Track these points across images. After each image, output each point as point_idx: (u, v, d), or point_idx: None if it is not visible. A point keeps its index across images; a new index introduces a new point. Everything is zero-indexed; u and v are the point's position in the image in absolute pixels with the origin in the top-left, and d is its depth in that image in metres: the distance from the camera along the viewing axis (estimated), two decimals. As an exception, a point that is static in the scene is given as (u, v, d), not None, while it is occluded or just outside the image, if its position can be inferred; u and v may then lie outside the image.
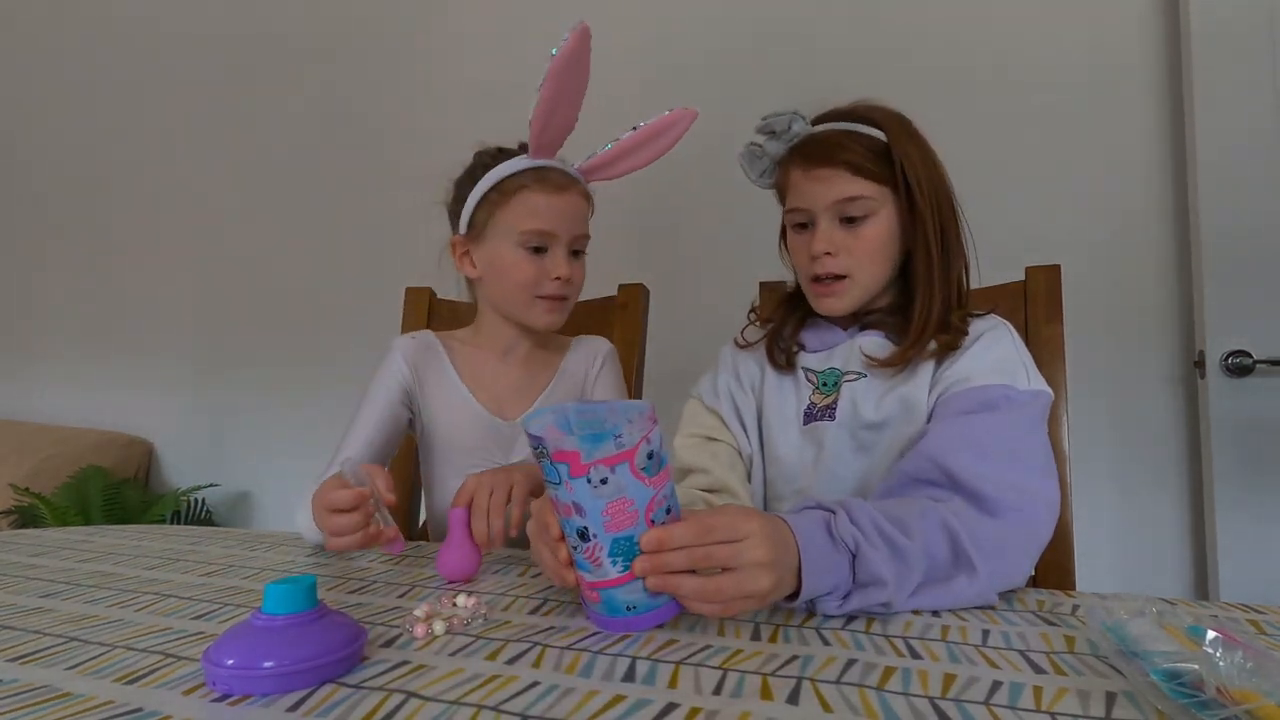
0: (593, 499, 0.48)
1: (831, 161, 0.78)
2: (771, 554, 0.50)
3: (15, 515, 1.89)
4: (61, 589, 0.67)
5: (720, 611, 0.50)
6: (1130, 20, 1.39)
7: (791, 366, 0.85)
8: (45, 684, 0.44)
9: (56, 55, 2.51)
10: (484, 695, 0.41)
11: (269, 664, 0.42)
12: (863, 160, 0.77)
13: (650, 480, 0.49)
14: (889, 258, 0.80)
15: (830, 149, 0.78)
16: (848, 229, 0.78)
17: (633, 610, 0.51)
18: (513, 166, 0.91)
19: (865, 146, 0.77)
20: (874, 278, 0.80)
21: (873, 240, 0.78)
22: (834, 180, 0.78)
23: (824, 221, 0.79)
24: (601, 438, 0.48)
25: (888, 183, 0.77)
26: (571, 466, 0.48)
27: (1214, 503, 1.23)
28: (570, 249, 0.93)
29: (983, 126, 1.46)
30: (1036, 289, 0.94)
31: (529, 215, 0.90)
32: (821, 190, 0.78)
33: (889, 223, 0.78)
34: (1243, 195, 1.24)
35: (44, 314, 2.48)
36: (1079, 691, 0.40)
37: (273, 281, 2.13)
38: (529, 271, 0.91)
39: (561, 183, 0.91)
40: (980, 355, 0.74)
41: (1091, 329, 1.36)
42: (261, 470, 2.14)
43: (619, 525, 0.49)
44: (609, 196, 1.00)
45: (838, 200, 0.78)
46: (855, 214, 0.78)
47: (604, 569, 0.50)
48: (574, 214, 0.92)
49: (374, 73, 2.06)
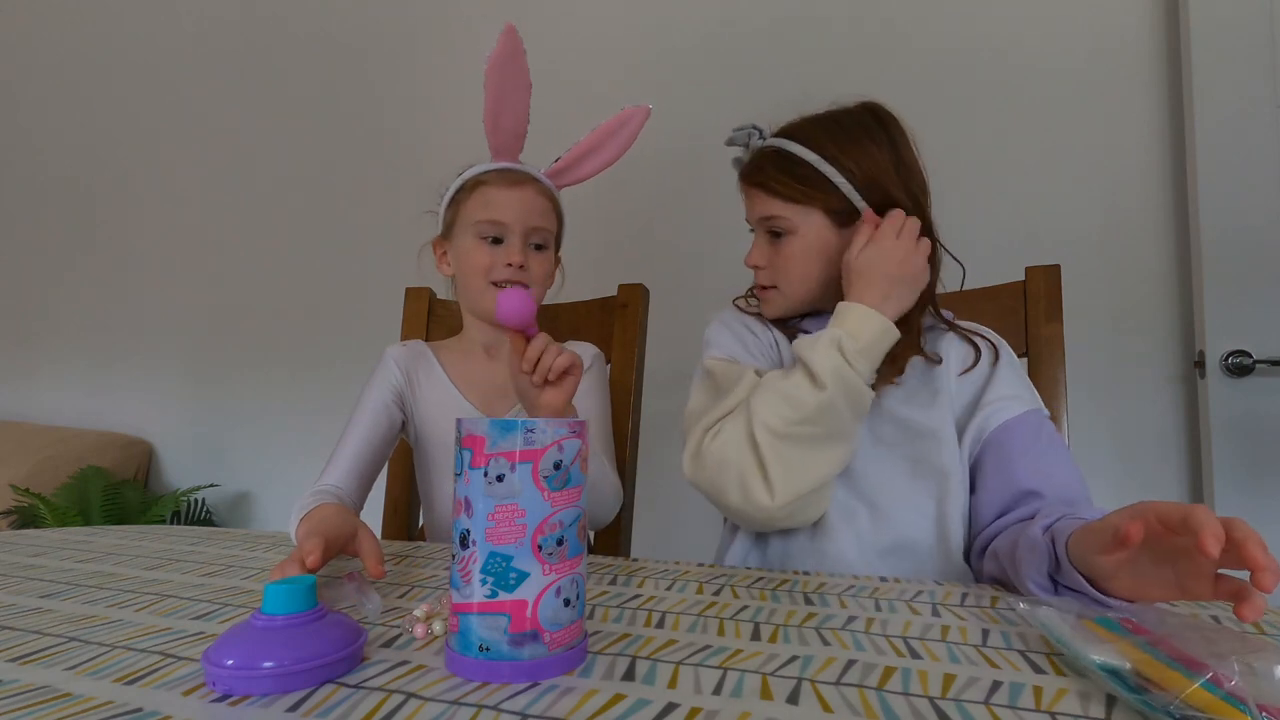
0: (484, 496, 0.43)
1: (751, 181, 0.84)
2: None
3: (15, 515, 1.89)
4: (61, 589, 0.67)
5: None
6: (1130, 20, 1.39)
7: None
8: (45, 684, 0.44)
9: (59, 58, 2.51)
10: (484, 695, 0.41)
11: (269, 664, 0.42)
12: (777, 184, 0.80)
13: (550, 495, 0.44)
14: (815, 274, 0.82)
15: (752, 170, 0.83)
16: (774, 243, 0.83)
17: (486, 652, 0.43)
18: (478, 168, 0.97)
19: (786, 170, 0.80)
20: (800, 291, 0.83)
21: (791, 258, 0.82)
22: (755, 199, 0.84)
23: (758, 234, 0.85)
24: (511, 427, 0.43)
25: (810, 202, 0.80)
26: (474, 454, 0.44)
27: (1214, 503, 1.23)
28: (527, 240, 0.96)
29: (982, 126, 1.46)
30: (1036, 289, 0.94)
31: (483, 206, 0.95)
32: (750, 205, 0.85)
33: (810, 241, 0.81)
34: (1243, 195, 1.24)
35: (44, 314, 2.48)
36: (1079, 691, 0.40)
37: (273, 282, 2.13)
38: (484, 258, 0.95)
39: (517, 178, 0.95)
40: (1014, 374, 0.79)
41: (1091, 329, 1.36)
42: (261, 470, 2.14)
43: (500, 537, 0.43)
44: (609, 196, 1.01)
45: (760, 217, 0.84)
46: (778, 230, 0.82)
47: (471, 587, 0.43)
48: (528, 206, 0.95)
49: (377, 77, 2.06)
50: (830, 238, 0.81)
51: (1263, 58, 1.25)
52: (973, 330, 0.84)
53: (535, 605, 0.43)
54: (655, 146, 1.75)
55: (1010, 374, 0.79)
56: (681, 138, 1.64)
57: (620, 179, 1.77)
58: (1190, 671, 0.37)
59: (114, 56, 2.40)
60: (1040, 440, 0.74)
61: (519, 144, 0.95)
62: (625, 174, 1.75)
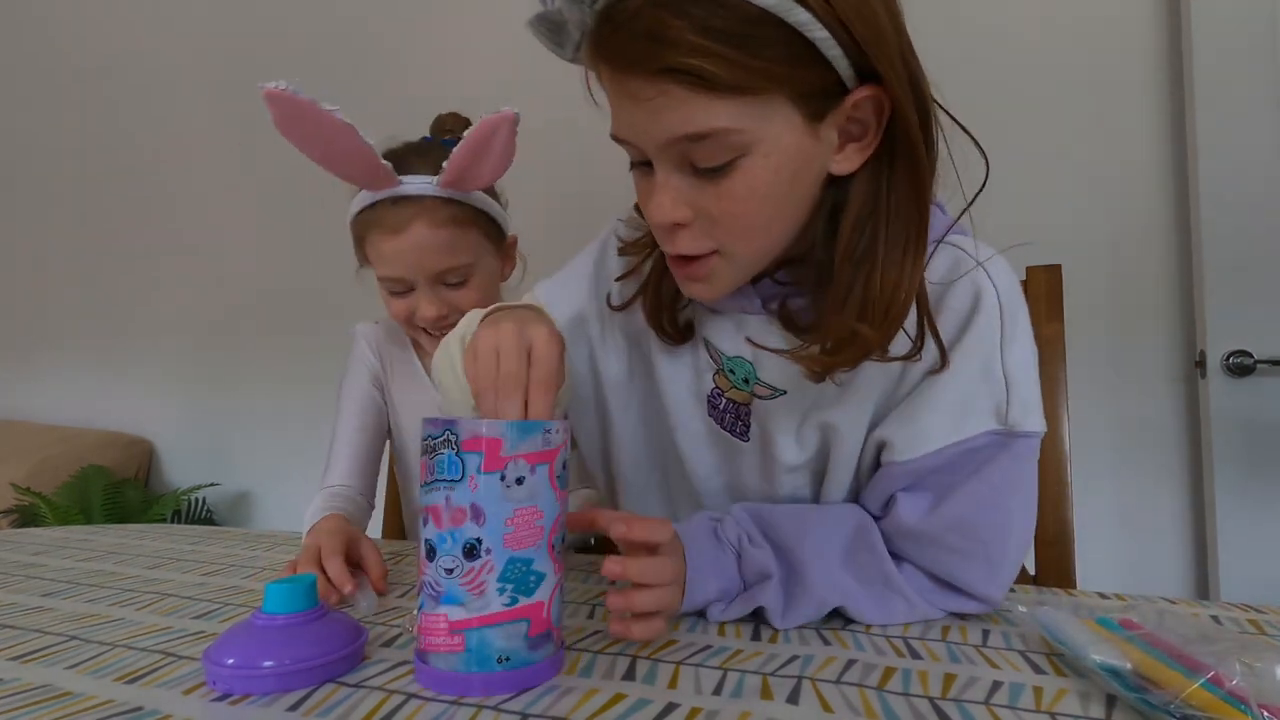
0: (501, 502, 0.40)
1: (650, 66, 0.43)
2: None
3: (15, 515, 1.89)
4: (62, 588, 0.67)
5: (621, 631, 0.45)
6: (1131, 20, 1.39)
7: (684, 335, 0.61)
8: (45, 684, 0.44)
9: (60, 56, 2.50)
10: (484, 695, 0.41)
11: (269, 664, 0.42)
12: (707, 60, 0.42)
13: (560, 494, 0.43)
14: (782, 213, 0.50)
15: (646, 39, 0.42)
16: (705, 182, 0.48)
17: (505, 663, 0.41)
18: (357, 204, 0.84)
19: (708, 25, 0.41)
20: (758, 250, 0.52)
21: (744, 200, 0.47)
22: (660, 106, 0.45)
23: (662, 169, 0.48)
24: (531, 429, 0.42)
25: (772, 88, 0.44)
26: (486, 458, 0.40)
27: (1214, 503, 1.23)
28: (438, 284, 0.84)
29: (982, 126, 1.45)
30: (1036, 289, 0.94)
31: (378, 261, 0.84)
32: (641, 120, 0.46)
33: (776, 159, 0.46)
34: (1243, 195, 1.24)
35: (45, 314, 2.48)
36: (1079, 692, 0.40)
37: (273, 281, 2.13)
38: (398, 311, 0.86)
39: (397, 223, 0.80)
40: (947, 388, 0.52)
41: (1091, 329, 1.36)
42: (261, 470, 2.14)
43: (520, 541, 0.41)
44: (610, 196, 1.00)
45: (672, 139, 0.46)
46: (711, 162, 0.46)
47: (485, 599, 0.40)
48: (421, 252, 0.81)
49: (376, 76, 2.05)
50: (804, 145, 0.47)
51: (1263, 58, 1.24)
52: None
53: (549, 605, 0.43)
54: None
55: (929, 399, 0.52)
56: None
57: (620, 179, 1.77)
58: (1190, 671, 0.37)
59: (115, 56, 2.40)
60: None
61: (377, 168, 0.77)
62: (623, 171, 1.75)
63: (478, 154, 0.77)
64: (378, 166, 0.77)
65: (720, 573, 0.53)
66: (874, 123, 0.48)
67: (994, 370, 0.51)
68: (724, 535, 0.54)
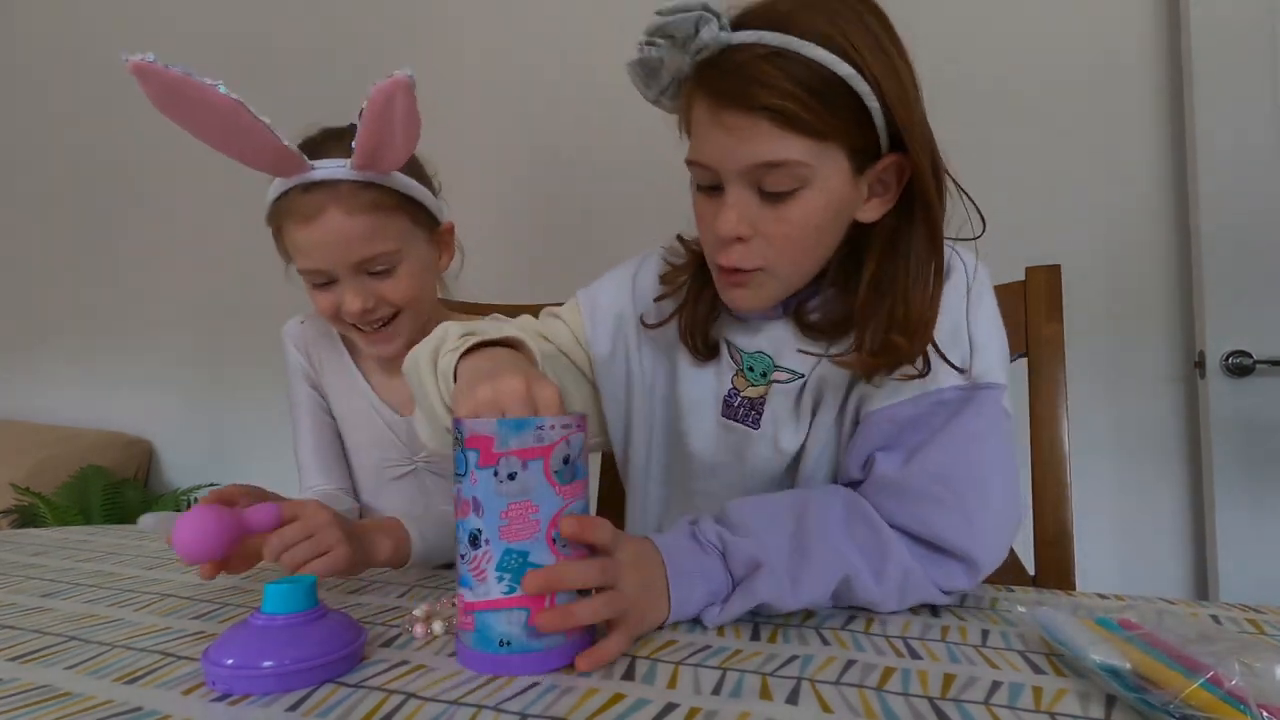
0: (494, 496, 0.43)
1: (747, 105, 0.53)
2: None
3: (15, 515, 1.89)
4: (62, 588, 0.67)
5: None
6: (1130, 20, 1.39)
7: (711, 351, 0.68)
8: (45, 684, 0.44)
9: (60, 54, 2.50)
10: (484, 695, 0.41)
11: (268, 664, 0.42)
12: (796, 105, 0.52)
13: (561, 489, 0.45)
14: (823, 244, 0.60)
15: (748, 82, 0.53)
16: (768, 206, 0.57)
17: (506, 647, 0.44)
18: (271, 193, 0.78)
19: (803, 80, 0.52)
20: (800, 273, 0.61)
21: (800, 224, 0.57)
22: (750, 136, 0.54)
23: (734, 190, 0.57)
24: (522, 425, 0.44)
25: (832, 137, 0.54)
26: (481, 454, 0.43)
27: (1214, 503, 1.23)
28: (361, 273, 0.78)
29: (982, 126, 1.46)
30: (1036, 289, 0.94)
31: (296, 253, 0.79)
32: (731, 146, 0.55)
33: (827, 197, 0.56)
34: (1243, 196, 1.24)
35: (45, 314, 2.48)
36: (1079, 692, 0.40)
37: (273, 281, 2.12)
38: (324, 305, 0.81)
39: (310, 210, 0.75)
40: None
41: (1091, 329, 1.36)
42: (261, 470, 2.13)
43: (515, 534, 0.44)
44: (609, 196, 1.00)
45: (753, 165, 0.55)
46: (779, 188, 0.56)
47: (487, 585, 0.44)
48: (339, 240, 0.75)
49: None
50: (846, 191, 0.57)
51: (1263, 58, 1.24)
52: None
53: (553, 596, 0.44)
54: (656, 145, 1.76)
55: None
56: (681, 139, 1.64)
57: (620, 178, 1.78)
58: (1189, 671, 0.37)
59: (114, 55, 2.40)
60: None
61: (282, 152, 0.71)
62: (626, 173, 1.75)
63: (380, 126, 0.70)
64: (282, 150, 0.71)
65: (706, 576, 0.52)
66: (895, 184, 0.59)
67: (960, 332, 0.59)
68: (703, 535, 0.54)
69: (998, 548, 0.56)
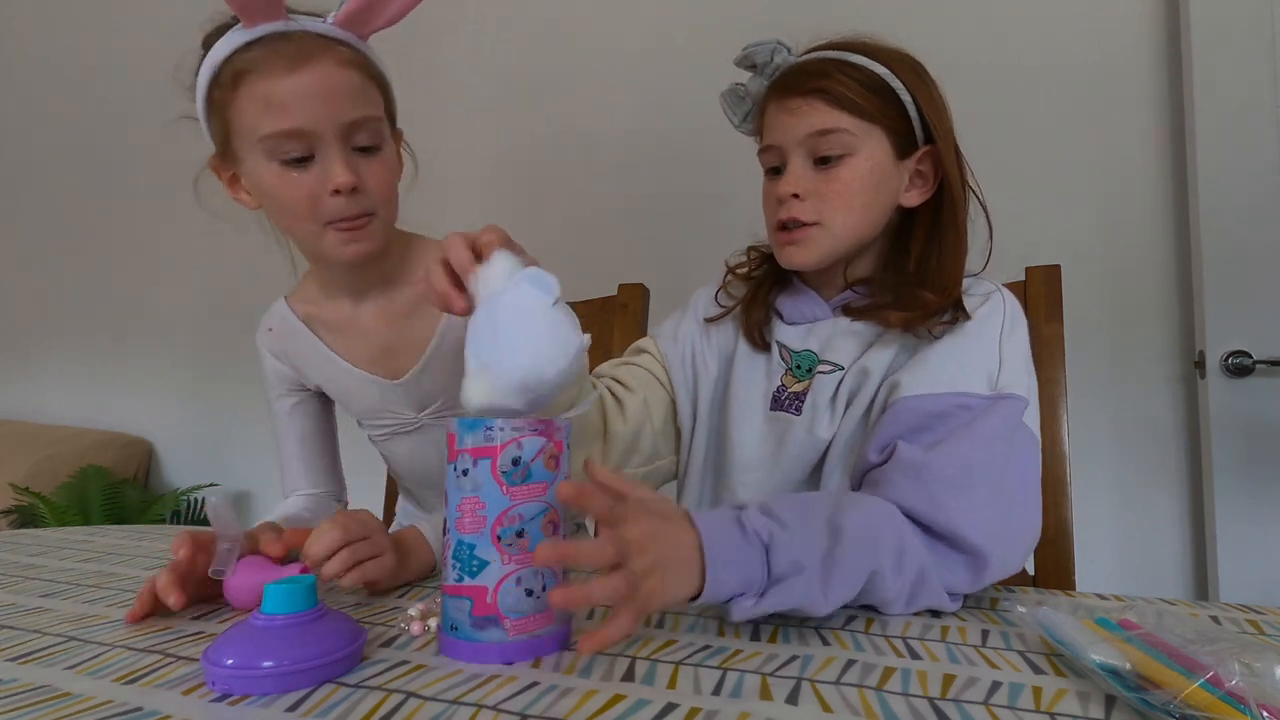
0: (454, 489, 0.47)
1: (806, 90, 0.68)
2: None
3: (15, 515, 1.89)
4: (61, 588, 0.67)
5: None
6: (1130, 20, 1.39)
7: (767, 345, 0.76)
8: (45, 684, 0.44)
9: (60, 53, 2.50)
10: (484, 695, 0.41)
11: (268, 664, 0.42)
12: (844, 89, 0.67)
13: (508, 489, 0.46)
14: (869, 208, 0.70)
15: (807, 76, 0.69)
16: (821, 170, 0.69)
17: (455, 631, 0.46)
18: (228, 45, 0.64)
19: (852, 76, 0.68)
20: (849, 228, 0.70)
21: (848, 183, 0.68)
22: (807, 112, 0.68)
23: (794, 160, 0.70)
24: (474, 426, 0.46)
25: (876, 120, 0.68)
26: (449, 450, 0.47)
27: (1214, 503, 1.23)
28: (348, 143, 0.67)
29: (982, 126, 1.45)
30: (1036, 289, 0.94)
31: (263, 112, 0.64)
32: (792, 123, 0.69)
33: (871, 165, 0.68)
34: (1243, 196, 1.24)
35: (45, 314, 2.48)
36: (1078, 692, 0.40)
37: (273, 281, 2.12)
38: (296, 193, 0.66)
39: (297, 54, 0.62)
40: (955, 350, 0.65)
41: (1091, 329, 1.36)
42: (261, 470, 2.14)
43: (467, 527, 0.46)
44: (609, 195, 1.00)
45: (809, 134, 0.68)
46: (830, 152, 0.68)
47: (447, 571, 0.47)
48: (329, 92, 0.64)
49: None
50: (889, 167, 0.69)
51: (1263, 58, 1.24)
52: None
53: (495, 592, 0.46)
54: (655, 146, 1.76)
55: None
56: (682, 136, 1.64)
57: (620, 178, 1.78)
58: (1189, 672, 0.37)
59: (113, 54, 2.39)
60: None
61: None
62: (625, 173, 1.75)
63: None
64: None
65: (744, 565, 0.49)
66: (931, 176, 0.71)
67: (993, 348, 0.65)
68: (749, 524, 0.51)
69: (1009, 549, 0.57)
